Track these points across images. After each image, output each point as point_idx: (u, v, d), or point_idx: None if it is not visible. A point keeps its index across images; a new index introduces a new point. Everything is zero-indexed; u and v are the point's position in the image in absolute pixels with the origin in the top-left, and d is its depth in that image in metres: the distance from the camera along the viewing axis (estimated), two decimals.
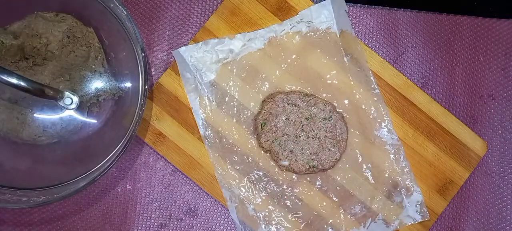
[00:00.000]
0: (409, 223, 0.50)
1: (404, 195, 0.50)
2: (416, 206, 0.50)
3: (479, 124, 0.53)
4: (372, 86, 0.52)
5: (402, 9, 0.54)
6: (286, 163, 0.50)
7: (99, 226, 0.52)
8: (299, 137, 0.51)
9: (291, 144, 0.51)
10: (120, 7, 0.46)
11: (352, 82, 0.52)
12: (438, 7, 0.54)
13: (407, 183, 0.51)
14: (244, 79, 0.52)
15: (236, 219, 0.50)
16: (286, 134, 0.51)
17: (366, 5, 0.54)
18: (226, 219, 0.52)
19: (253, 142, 0.51)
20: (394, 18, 0.54)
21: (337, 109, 0.51)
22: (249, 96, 0.51)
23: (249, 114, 0.51)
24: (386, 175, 0.51)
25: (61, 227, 0.52)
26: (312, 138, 0.51)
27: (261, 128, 0.51)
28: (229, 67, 0.52)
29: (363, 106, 0.51)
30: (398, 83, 0.52)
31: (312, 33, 0.52)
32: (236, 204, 0.50)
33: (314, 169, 0.50)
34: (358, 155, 0.51)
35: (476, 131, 0.52)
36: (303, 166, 0.50)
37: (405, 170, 0.51)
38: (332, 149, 0.50)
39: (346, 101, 0.51)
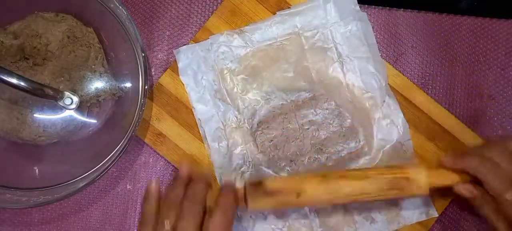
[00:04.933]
0: (409, 223, 0.50)
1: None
2: (413, 208, 0.50)
3: (478, 124, 0.53)
4: None
5: (402, 9, 0.54)
6: (284, 174, 0.50)
7: (99, 226, 0.52)
8: (300, 139, 0.51)
9: (292, 150, 0.51)
10: (120, 7, 0.46)
11: (354, 83, 0.52)
12: (438, 7, 0.54)
13: None
14: (245, 79, 0.51)
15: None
16: (287, 139, 0.51)
17: (366, 5, 0.54)
18: None
19: (253, 143, 0.51)
20: (394, 18, 0.54)
21: (341, 110, 0.51)
22: (250, 96, 0.51)
23: (249, 114, 0.51)
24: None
25: (61, 227, 0.52)
26: (316, 142, 0.51)
27: (259, 129, 0.51)
28: (230, 67, 0.51)
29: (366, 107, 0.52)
30: (398, 83, 0.52)
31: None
32: None
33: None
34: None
35: (475, 131, 0.52)
36: None
37: None
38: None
39: (348, 102, 0.51)
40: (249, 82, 0.51)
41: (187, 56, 0.51)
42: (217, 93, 0.51)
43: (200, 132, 0.51)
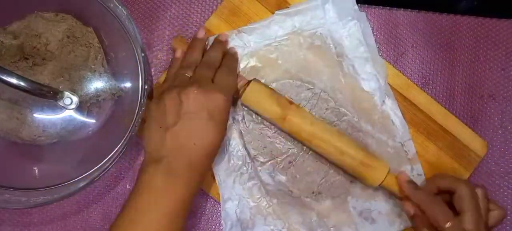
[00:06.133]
0: (408, 227, 0.50)
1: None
2: None
3: (479, 124, 0.53)
4: None
5: (402, 9, 0.54)
6: (283, 176, 0.50)
7: (99, 226, 0.52)
8: (298, 142, 0.50)
9: (290, 151, 0.50)
10: (120, 7, 0.45)
11: (353, 83, 0.52)
12: (438, 7, 0.54)
13: None
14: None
15: (232, 219, 0.50)
16: (286, 139, 0.50)
17: (366, 5, 0.54)
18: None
19: (251, 144, 0.51)
20: (394, 18, 0.54)
21: (341, 109, 0.51)
22: None
23: (247, 115, 0.51)
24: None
25: (61, 227, 0.52)
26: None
27: (258, 130, 0.50)
28: None
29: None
30: (398, 83, 0.52)
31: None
32: (235, 203, 0.50)
33: (320, 195, 0.50)
34: None
35: (476, 131, 0.52)
36: (304, 190, 0.50)
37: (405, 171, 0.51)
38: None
39: (347, 102, 0.51)
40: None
41: None
42: None
43: None
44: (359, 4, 0.53)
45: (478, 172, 0.52)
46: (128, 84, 0.49)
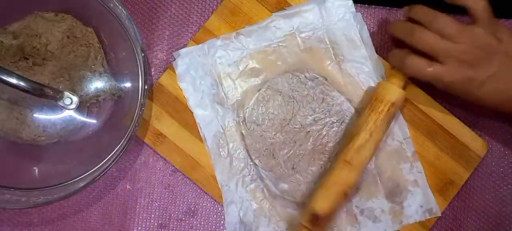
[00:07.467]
0: (413, 222, 0.50)
1: (404, 195, 0.50)
2: (416, 206, 0.50)
3: (479, 124, 0.53)
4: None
5: (402, 9, 0.54)
6: (285, 186, 0.50)
7: (99, 226, 0.52)
8: (299, 143, 0.50)
9: (291, 153, 0.50)
10: (120, 7, 0.46)
11: (352, 83, 0.52)
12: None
13: (407, 183, 0.51)
14: (245, 80, 0.51)
15: (235, 222, 0.50)
16: (286, 142, 0.50)
17: (366, 5, 0.54)
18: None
19: (252, 146, 0.51)
20: (394, 18, 0.54)
21: (339, 109, 0.51)
22: (248, 99, 0.51)
23: (248, 117, 0.51)
24: (387, 175, 0.51)
25: (61, 227, 0.52)
26: (316, 143, 0.50)
27: (259, 132, 0.50)
28: (228, 71, 0.51)
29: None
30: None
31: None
32: (238, 206, 0.50)
33: None
34: None
35: (476, 131, 0.52)
36: (307, 195, 0.50)
37: (405, 170, 0.51)
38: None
39: (346, 102, 0.51)
40: (247, 85, 0.51)
41: (185, 62, 0.51)
42: (216, 98, 0.51)
43: (201, 135, 0.51)
44: (359, 4, 0.53)
45: (478, 172, 0.52)
46: (128, 84, 0.50)
